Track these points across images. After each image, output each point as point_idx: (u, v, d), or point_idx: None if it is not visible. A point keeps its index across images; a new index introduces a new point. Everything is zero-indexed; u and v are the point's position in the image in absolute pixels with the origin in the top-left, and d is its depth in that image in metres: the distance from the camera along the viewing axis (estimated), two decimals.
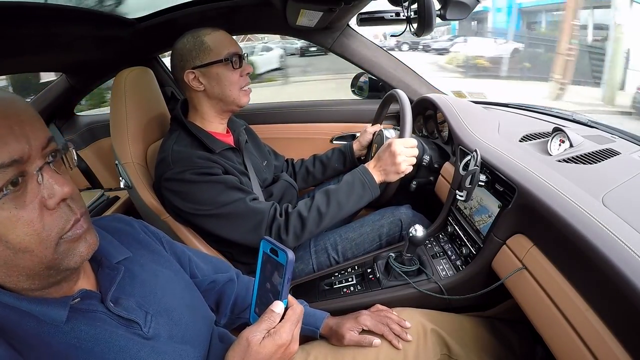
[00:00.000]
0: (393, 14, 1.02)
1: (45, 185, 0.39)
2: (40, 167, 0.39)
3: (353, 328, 0.74)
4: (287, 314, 0.48)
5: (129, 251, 0.55)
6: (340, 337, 0.74)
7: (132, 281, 0.52)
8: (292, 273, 0.47)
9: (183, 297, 0.57)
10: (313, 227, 0.90)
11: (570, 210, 0.56)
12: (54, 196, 0.39)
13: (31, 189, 0.38)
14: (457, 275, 0.83)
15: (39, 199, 0.38)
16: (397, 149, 0.93)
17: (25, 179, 0.38)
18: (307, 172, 1.30)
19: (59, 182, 0.40)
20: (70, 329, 0.43)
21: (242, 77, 0.96)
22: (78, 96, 1.64)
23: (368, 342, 0.73)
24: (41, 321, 0.41)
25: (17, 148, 0.37)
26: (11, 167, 0.36)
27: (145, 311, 0.50)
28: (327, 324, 0.77)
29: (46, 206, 0.39)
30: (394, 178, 0.96)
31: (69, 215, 0.41)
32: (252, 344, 0.45)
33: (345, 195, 0.92)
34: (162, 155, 0.92)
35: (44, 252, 0.39)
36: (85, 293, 0.46)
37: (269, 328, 0.46)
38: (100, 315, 0.46)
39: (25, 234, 0.37)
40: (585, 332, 0.50)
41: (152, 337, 0.48)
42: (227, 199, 0.88)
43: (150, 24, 1.32)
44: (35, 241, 0.38)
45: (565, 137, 0.83)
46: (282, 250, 0.46)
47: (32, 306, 0.41)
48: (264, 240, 0.49)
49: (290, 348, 0.48)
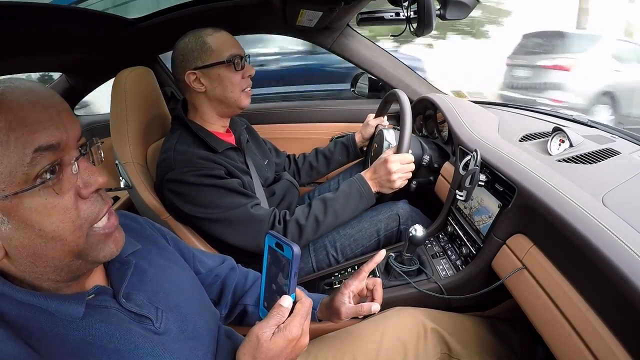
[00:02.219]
0: (393, 14, 1.02)
1: (81, 175, 0.40)
2: (77, 157, 0.40)
3: (344, 297, 0.69)
4: (296, 307, 0.48)
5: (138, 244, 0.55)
6: (337, 313, 0.69)
7: (141, 276, 0.52)
8: (298, 267, 0.47)
9: (191, 293, 0.57)
10: (310, 234, 0.92)
11: (570, 210, 0.56)
12: (90, 186, 0.41)
13: (67, 177, 0.39)
14: (457, 275, 0.83)
15: (75, 187, 0.40)
16: (392, 167, 0.94)
17: (62, 168, 0.39)
18: (311, 167, 1.30)
19: (94, 173, 0.41)
20: (84, 325, 0.43)
21: (244, 79, 0.96)
22: (78, 96, 1.64)
23: (366, 309, 0.68)
24: (56, 318, 0.41)
25: (56, 134, 0.38)
26: (49, 152, 0.37)
27: (155, 306, 0.50)
28: (323, 304, 0.74)
29: (80, 195, 0.40)
30: (387, 191, 0.98)
31: (101, 204, 0.42)
32: (262, 341, 0.45)
33: (342, 205, 0.94)
34: (164, 155, 0.92)
35: (76, 241, 0.40)
36: (100, 289, 0.46)
37: (279, 323, 0.46)
38: (114, 311, 0.46)
39: (61, 221, 0.38)
40: (585, 332, 0.50)
41: (163, 332, 0.48)
42: (229, 204, 0.88)
43: (150, 24, 1.32)
44: (70, 229, 0.39)
45: (565, 137, 0.83)
46: (288, 244, 0.46)
47: (49, 302, 0.41)
48: (268, 235, 0.48)
49: (300, 342, 0.48)
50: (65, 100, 0.42)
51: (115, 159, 1.03)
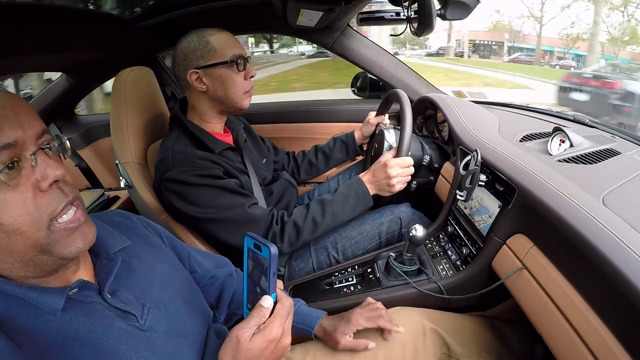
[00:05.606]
0: (393, 14, 1.02)
1: (38, 168, 0.41)
2: (34, 152, 0.41)
3: (347, 331, 0.73)
4: (277, 308, 0.48)
5: (128, 240, 0.55)
6: (335, 342, 0.73)
7: (129, 273, 0.52)
8: (277, 267, 0.47)
9: (181, 292, 0.57)
10: (307, 235, 0.93)
11: (570, 210, 0.56)
12: (47, 178, 0.41)
13: (25, 172, 0.40)
14: (457, 275, 0.83)
15: (32, 181, 0.40)
16: (392, 171, 0.94)
17: (19, 163, 0.40)
18: (310, 164, 1.31)
19: (52, 166, 0.41)
20: (67, 319, 0.43)
21: (246, 80, 0.96)
22: (78, 96, 1.63)
23: (363, 346, 0.72)
24: (38, 310, 0.42)
25: (12, 133, 0.39)
26: (5, 151, 0.39)
27: (142, 303, 0.50)
28: (322, 326, 0.75)
29: (39, 188, 0.41)
30: (386, 194, 0.98)
31: (60, 197, 0.42)
32: (242, 341, 0.45)
33: (340, 206, 0.95)
34: (162, 155, 0.92)
35: (35, 235, 0.40)
36: (83, 284, 0.46)
37: (259, 324, 0.46)
38: (97, 306, 0.46)
39: (18, 214, 0.39)
40: (585, 332, 0.50)
41: (148, 329, 0.48)
42: (227, 204, 0.88)
43: (150, 23, 1.32)
44: (28, 222, 0.39)
45: (566, 137, 0.83)
46: (265, 245, 0.46)
47: (30, 293, 0.42)
48: (247, 237, 0.48)
49: (282, 342, 0.47)
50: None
51: (115, 158, 1.03)
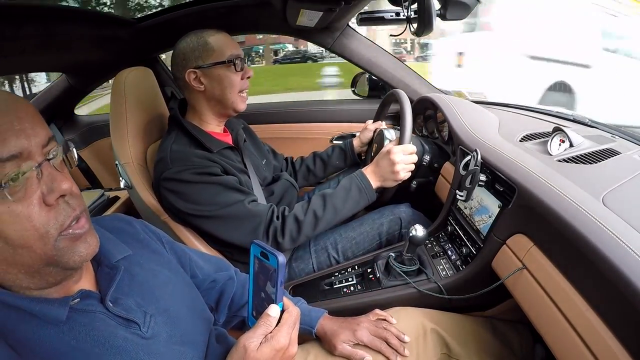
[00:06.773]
0: (393, 14, 1.02)
1: (44, 181, 0.39)
2: (40, 163, 0.39)
3: (347, 341, 0.73)
4: (284, 317, 0.48)
5: (129, 249, 0.55)
6: (332, 347, 0.73)
7: (131, 281, 0.52)
8: (284, 276, 0.46)
9: (182, 298, 0.57)
10: (309, 230, 0.92)
11: (570, 210, 0.56)
12: (53, 192, 0.39)
13: (30, 184, 0.38)
14: (457, 275, 0.83)
15: (38, 194, 0.39)
16: (395, 157, 0.93)
17: (24, 175, 0.38)
18: (308, 171, 1.30)
19: (58, 179, 0.40)
20: (69, 329, 0.43)
21: (243, 80, 0.97)
22: (78, 96, 1.63)
23: (360, 357, 0.71)
24: (41, 321, 0.41)
25: (17, 144, 0.37)
26: (10, 162, 0.37)
27: (144, 311, 0.49)
28: (323, 327, 0.75)
29: (45, 202, 0.39)
30: (391, 184, 0.97)
31: (67, 211, 0.41)
32: (249, 351, 0.45)
33: (341, 200, 0.93)
34: (160, 155, 0.92)
35: (42, 249, 0.39)
36: (85, 293, 0.46)
37: (266, 333, 0.46)
38: (100, 315, 0.46)
39: (24, 229, 0.38)
40: (585, 332, 0.50)
41: (150, 337, 0.48)
42: (226, 201, 0.88)
43: (150, 24, 1.32)
44: (34, 237, 0.38)
45: (566, 137, 0.83)
46: (272, 253, 0.46)
47: (32, 305, 0.41)
48: (253, 245, 0.48)
49: (288, 351, 0.47)
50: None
51: (115, 159, 1.03)
